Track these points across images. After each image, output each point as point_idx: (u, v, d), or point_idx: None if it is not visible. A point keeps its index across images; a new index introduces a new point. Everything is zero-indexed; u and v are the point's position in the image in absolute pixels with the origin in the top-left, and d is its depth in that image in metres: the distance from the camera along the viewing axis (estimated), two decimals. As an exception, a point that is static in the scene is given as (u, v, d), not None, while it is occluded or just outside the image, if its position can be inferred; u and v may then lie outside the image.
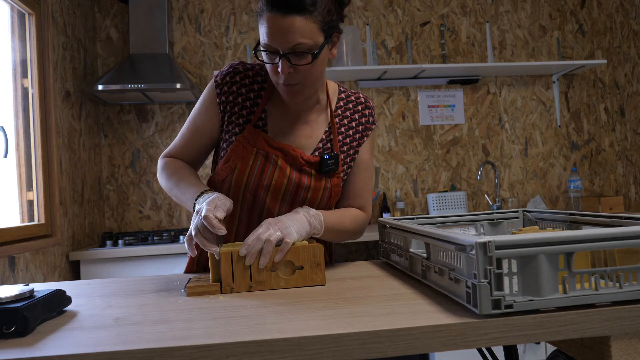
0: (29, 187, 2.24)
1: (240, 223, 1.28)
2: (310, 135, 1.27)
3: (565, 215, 1.19)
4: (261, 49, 1.13)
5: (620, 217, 1.02)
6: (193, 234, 1.06)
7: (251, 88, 1.25)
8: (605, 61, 3.17)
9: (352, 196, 1.33)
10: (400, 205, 3.16)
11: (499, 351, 1.23)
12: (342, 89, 1.34)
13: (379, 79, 3.24)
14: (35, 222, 2.24)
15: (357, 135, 1.31)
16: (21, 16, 2.23)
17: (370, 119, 1.33)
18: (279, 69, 1.12)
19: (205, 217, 1.03)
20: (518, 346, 2.43)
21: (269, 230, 1.05)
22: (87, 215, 2.81)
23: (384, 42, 3.31)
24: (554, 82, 3.40)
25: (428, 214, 3.21)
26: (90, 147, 2.90)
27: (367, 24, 3.28)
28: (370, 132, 1.33)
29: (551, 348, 2.66)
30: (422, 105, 3.33)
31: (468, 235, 0.80)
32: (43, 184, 2.26)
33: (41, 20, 2.30)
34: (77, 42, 2.77)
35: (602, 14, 3.47)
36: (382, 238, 1.31)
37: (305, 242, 1.08)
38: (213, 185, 1.29)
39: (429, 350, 0.73)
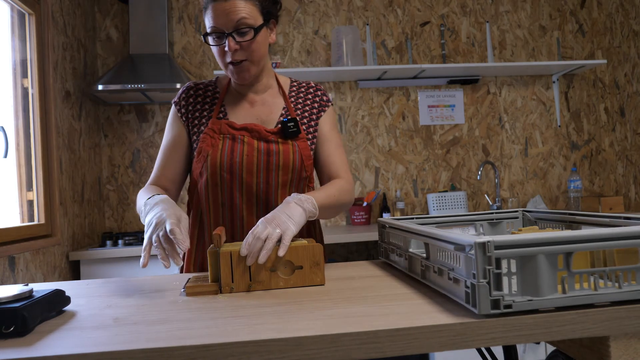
0: (29, 187, 2.24)
1: (224, 205, 1.32)
2: (270, 113, 1.38)
3: (565, 215, 1.19)
4: (209, 33, 1.25)
5: (620, 217, 1.02)
6: (154, 245, 1.04)
7: (206, 95, 1.40)
8: (605, 61, 3.17)
9: (326, 165, 1.40)
10: (400, 205, 3.16)
11: (498, 351, 1.23)
12: (293, 81, 1.47)
13: (379, 79, 3.24)
14: (35, 222, 2.24)
15: (314, 111, 1.42)
16: (21, 16, 2.23)
17: (324, 97, 1.44)
18: (226, 48, 1.24)
19: (171, 230, 1.02)
20: (518, 346, 2.42)
21: (267, 228, 1.06)
22: (87, 215, 2.81)
23: (384, 42, 3.31)
24: (554, 82, 3.39)
25: (428, 214, 3.21)
26: (90, 147, 2.90)
27: (367, 24, 3.28)
28: (327, 109, 1.43)
29: (551, 348, 2.66)
30: (422, 105, 3.33)
31: (467, 235, 0.80)
32: (43, 184, 2.26)
33: (41, 20, 2.30)
34: (77, 42, 2.77)
35: (602, 14, 3.47)
36: (381, 238, 1.31)
37: (305, 241, 1.08)
38: (194, 186, 1.36)
39: (428, 350, 0.73)
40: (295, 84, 1.45)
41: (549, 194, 3.40)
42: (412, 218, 1.33)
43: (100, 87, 2.65)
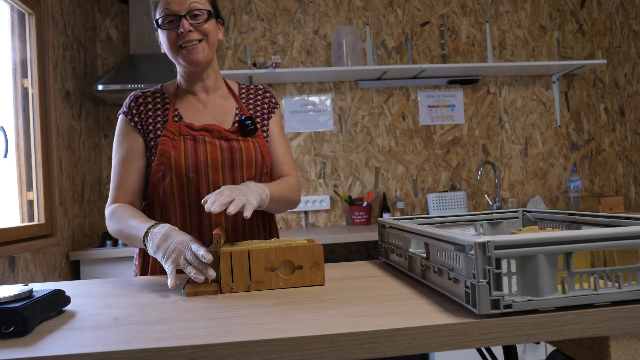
0: (29, 187, 2.24)
1: (190, 206, 1.32)
2: (225, 113, 1.41)
3: (565, 215, 1.19)
4: (162, 20, 1.28)
5: (620, 217, 1.02)
6: (183, 266, 1.06)
7: (155, 102, 1.39)
8: (605, 61, 3.17)
9: (277, 165, 1.46)
10: (400, 205, 3.16)
11: (498, 351, 1.23)
12: (241, 84, 1.50)
13: (379, 79, 3.24)
14: (35, 222, 2.24)
15: (265, 111, 1.46)
16: (21, 16, 2.23)
17: (273, 100, 1.50)
18: (180, 30, 1.26)
19: (201, 252, 1.04)
20: (518, 346, 2.43)
21: (233, 193, 1.11)
22: (87, 215, 2.81)
23: (384, 42, 3.31)
24: (554, 82, 3.39)
25: (428, 214, 3.21)
26: (90, 147, 2.90)
27: (367, 24, 3.28)
28: (276, 111, 1.49)
29: (551, 348, 2.66)
30: (422, 105, 3.33)
31: (467, 235, 0.80)
32: (43, 184, 2.26)
33: (41, 20, 2.30)
34: (77, 42, 2.77)
35: (602, 14, 3.47)
36: (381, 238, 1.31)
37: (305, 241, 1.08)
38: (154, 189, 1.34)
39: (428, 350, 0.73)
40: (243, 86, 1.49)
41: (549, 194, 3.40)
42: (412, 218, 1.33)
43: (100, 87, 2.65)
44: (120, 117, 1.39)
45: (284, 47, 3.24)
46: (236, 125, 1.38)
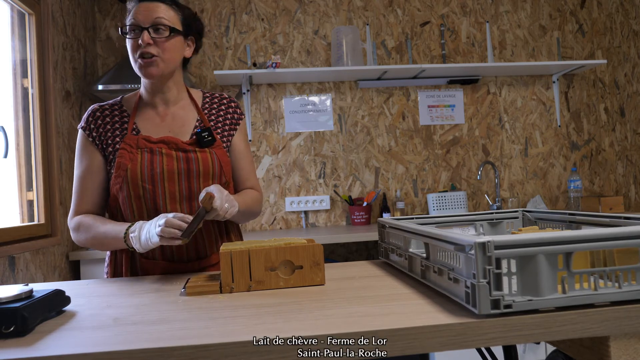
0: (29, 187, 2.24)
1: (149, 215, 1.34)
2: (183, 125, 1.41)
3: (564, 215, 1.19)
4: (128, 28, 1.31)
5: (620, 217, 1.02)
6: (161, 230, 1.14)
7: (113, 115, 1.40)
8: (605, 61, 3.17)
9: (242, 181, 1.49)
10: (400, 205, 3.16)
11: (498, 351, 1.23)
12: (205, 92, 1.51)
13: (379, 79, 3.24)
14: (35, 222, 2.24)
15: (227, 122, 1.47)
16: (21, 16, 2.23)
17: (238, 111, 1.50)
18: (140, 41, 1.28)
19: (175, 218, 1.16)
20: (518, 346, 2.42)
21: (224, 204, 1.21)
22: (87, 215, 2.80)
23: (384, 42, 3.30)
24: (554, 82, 3.39)
25: (428, 214, 3.21)
26: (90, 147, 2.90)
27: (367, 24, 3.28)
28: (240, 122, 1.49)
29: (551, 348, 2.66)
30: (422, 105, 3.33)
31: (467, 235, 0.80)
32: (43, 184, 2.26)
33: (41, 20, 2.30)
34: (77, 42, 2.77)
35: (602, 14, 3.47)
36: (381, 238, 1.31)
37: (305, 241, 1.08)
38: (114, 201, 1.36)
39: (428, 350, 0.73)
40: (208, 95, 1.49)
41: (549, 194, 3.40)
42: (412, 218, 1.33)
43: (100, 87, 2.65)
44: (80, 132, 1.40)
45: (284, 47, 3.24)
46: (194, 137, 1.39)
